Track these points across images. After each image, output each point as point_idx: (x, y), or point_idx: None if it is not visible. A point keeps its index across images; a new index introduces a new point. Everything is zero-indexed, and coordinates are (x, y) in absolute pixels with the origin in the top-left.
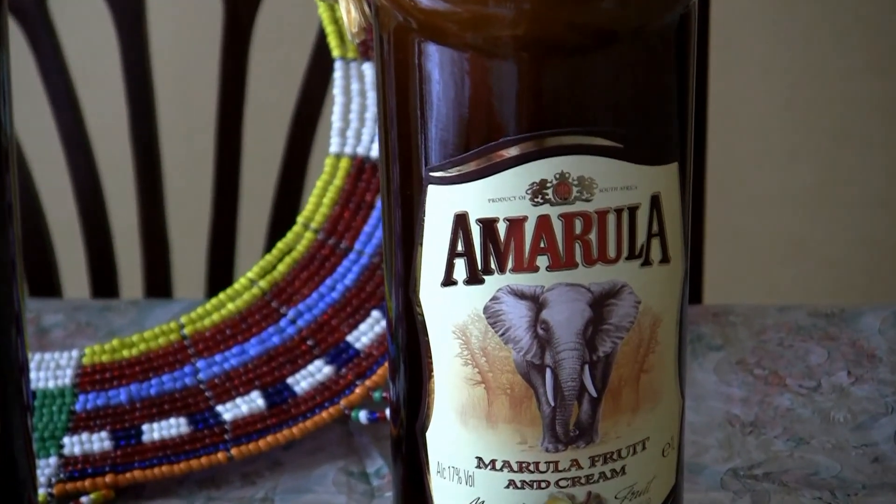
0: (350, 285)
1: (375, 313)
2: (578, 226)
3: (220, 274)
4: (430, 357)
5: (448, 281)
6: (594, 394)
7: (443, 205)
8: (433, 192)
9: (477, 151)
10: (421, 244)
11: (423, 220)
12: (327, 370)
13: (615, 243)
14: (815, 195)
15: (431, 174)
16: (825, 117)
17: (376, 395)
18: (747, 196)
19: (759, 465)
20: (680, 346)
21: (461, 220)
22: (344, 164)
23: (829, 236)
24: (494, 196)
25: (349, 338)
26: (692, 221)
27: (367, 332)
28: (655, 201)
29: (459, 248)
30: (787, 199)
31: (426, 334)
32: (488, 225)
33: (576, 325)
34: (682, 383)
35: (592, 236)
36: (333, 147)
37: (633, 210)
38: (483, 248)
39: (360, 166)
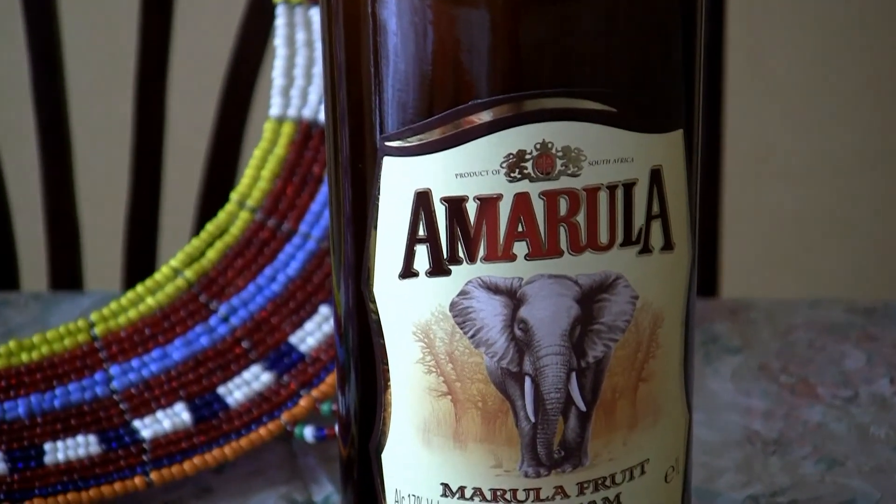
0: (294, 275)
1: (324, 310)
2: (563, 206)
3: (138, 262)
4: (387, 363)
5: (407, 272)
6: (583, 407)
7: (401, 180)
8: (389, 164)
9: (442, 117)
10: (375, 227)
11: (378, 199)
12: (266, 378)
13: (607, 227)
14: (855, 167)
15: (387, 144)
16: (870, 71)
17: (324, 407)
18: (774, 167)
19: (783, 491)
20: (686, 350)
21: (423, 199)
22: (287, 129)
23: (872, 216)
24: (463, 170)
25: (292, 339)
26: (705, 199)
27: (313, 332)
28: (656, 176)
29: (421, 232)
30: (821, 171)
31: (381, 336)
32: (455, 205)
33: (560, 325)
34: (690, 394)
35: (580, 218)
36: (274, 109)
37: (628, 187)
38: (449, 233)
39: (307, 132)
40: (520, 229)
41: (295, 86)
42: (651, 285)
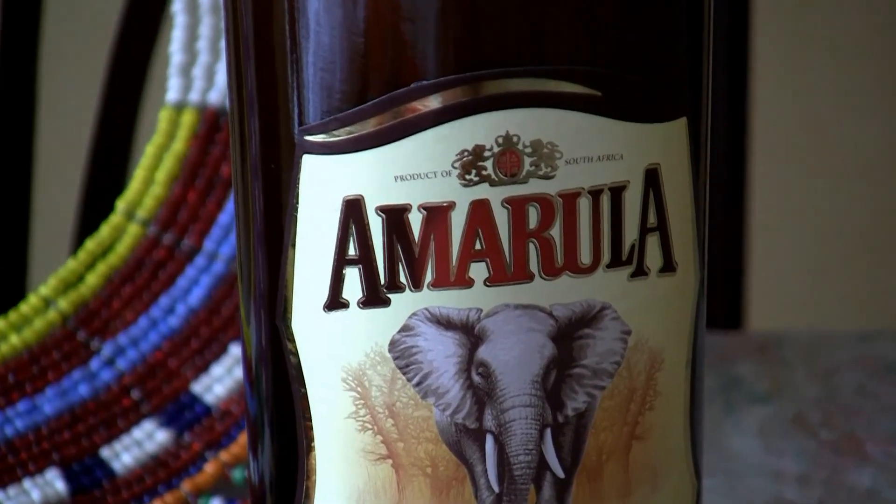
0: (197, 306)
1: (235, 350)
2: (534, 216)
3: (1, 289)
4: (309, 418)
5: (335, 302)
6: (560, 473)
7: (325, 185)
8: (311, 164)
9: (377, 103)
10: (293, 245)
11: (296, 209)
12: (162, 436)
13: (590, 243)
14: None
15: (308, 138)
16: None
17: (236, 474)
18: (816, 164)
19: None
20: (693, 399)
21: (354, 209)
22: (188, 119)
23: None
24: (405, 172)
25: (195, 387)
26: (726, 206)
27: (222, 378)
28: (652, 178)
29: (351, 251)
30: (876, 169)
31: (302, 383)
32: (395, 216)
33: (531, 369)
34: (698, 455)
35: (555, 232)
36: (172, 93)
37: (617, 191)
38: (388, 253)
39: (213, 123)
40: (478, 247)
41: (198, 63)
42: (647, 317)
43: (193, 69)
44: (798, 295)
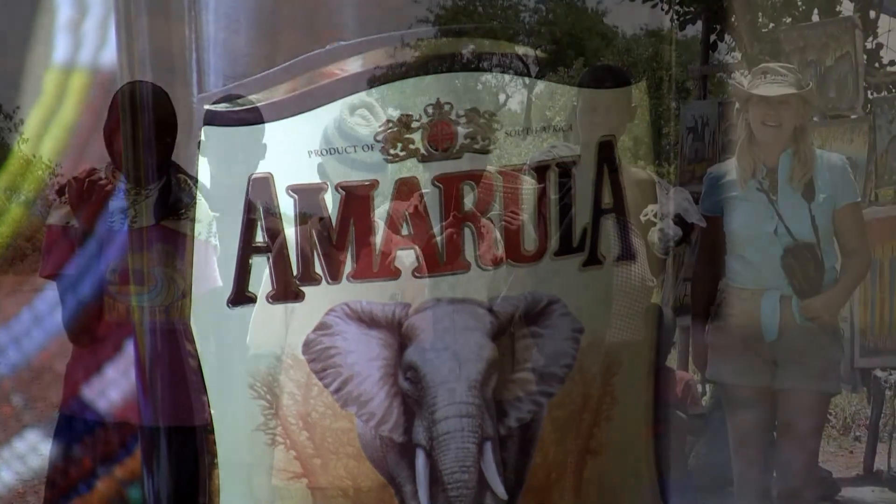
0: (89, 299)
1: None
2: (469, 197)
3: None
4: (212, 430)
5: (240, 296)
6: (503, 494)
7: (229, 161)
8: (211, 137)
9: (289, 66)
10: (192, 230)
11: (195, 189)
12: (48, 450)
13: (535, 228)
14: None
15: (208, 107)
16: None
17: (135, 493)
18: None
19: None
20: (658, 407)
21: (261, 189)
22: (78, 81)
23: None
24: (320, 146)
25: (86, 391)
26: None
27: (118, 381)
28: (606, 151)
29: (259, 238)
30: None
31: (203, 391)
32: (309, 197)
33: (468, 374)
34: (665, 473)
35: (494, 216)
36: (60, 51)
37: (565, 167)
38: (301, 239)
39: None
40: (405, 232)
41: (91, 13)
42: (603, 313)
43: (83, 23)
44: None
